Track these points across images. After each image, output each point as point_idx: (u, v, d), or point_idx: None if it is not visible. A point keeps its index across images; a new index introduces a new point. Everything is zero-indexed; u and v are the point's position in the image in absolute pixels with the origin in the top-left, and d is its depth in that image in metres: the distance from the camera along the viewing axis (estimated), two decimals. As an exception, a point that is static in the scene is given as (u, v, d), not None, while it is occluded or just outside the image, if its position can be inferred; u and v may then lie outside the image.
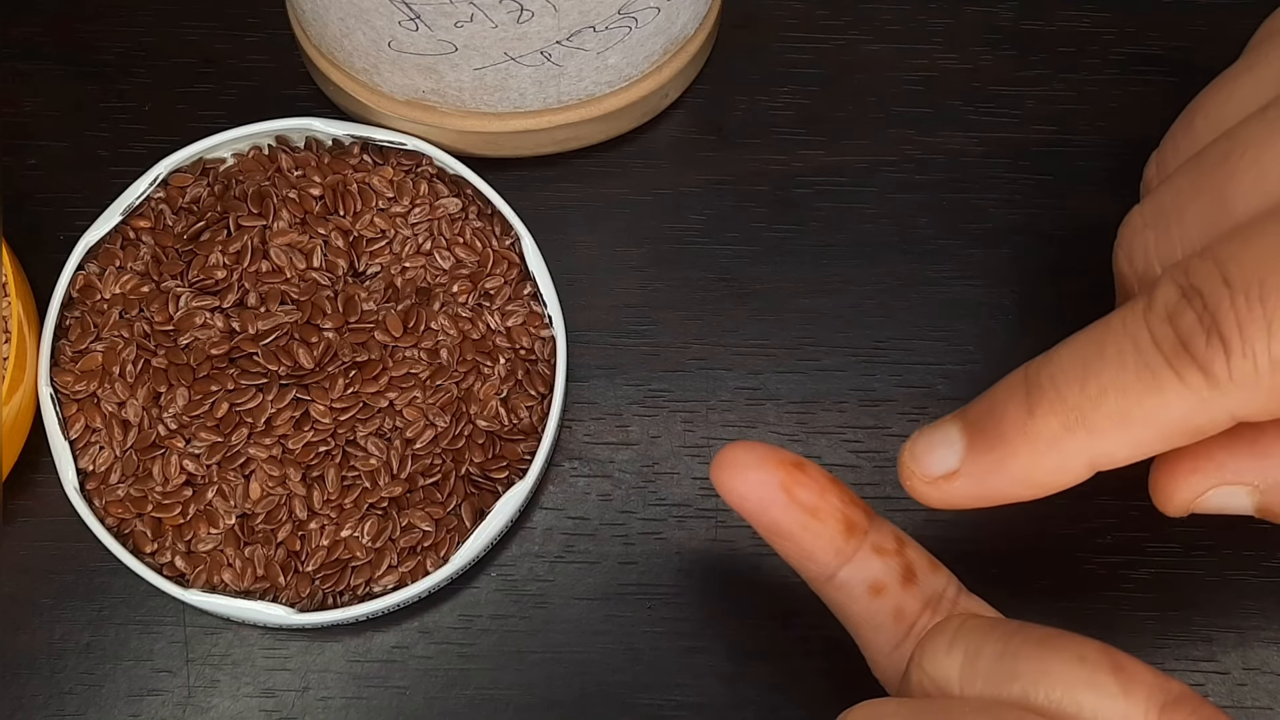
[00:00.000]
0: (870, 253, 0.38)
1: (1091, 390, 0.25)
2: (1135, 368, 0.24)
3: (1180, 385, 0.24)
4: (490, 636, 0.35)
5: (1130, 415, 0.25)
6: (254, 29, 0.40)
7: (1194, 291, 0.24)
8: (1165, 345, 0.24)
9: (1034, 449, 0.26)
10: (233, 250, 0.35)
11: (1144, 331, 0.25)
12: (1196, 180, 0.27)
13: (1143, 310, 0.25)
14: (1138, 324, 0.25)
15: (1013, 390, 0.26)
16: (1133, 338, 0.25)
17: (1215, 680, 0.35)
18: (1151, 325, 0.25)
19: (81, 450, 0.34)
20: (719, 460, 0.29)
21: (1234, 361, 0.24)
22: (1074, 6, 0.40)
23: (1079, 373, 0.25)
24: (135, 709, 0.34)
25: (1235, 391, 0.24)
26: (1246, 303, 0.24)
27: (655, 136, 0.39)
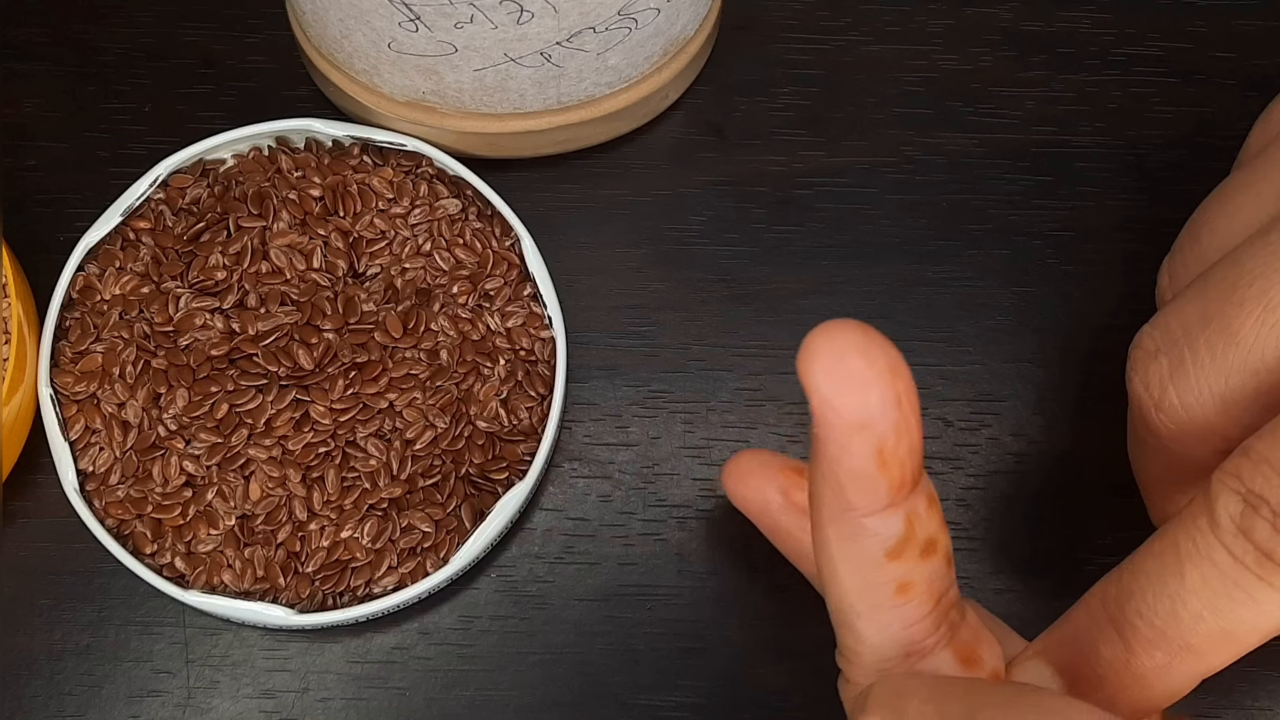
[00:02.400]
0: (870, 253, 0.38)
1: (1186, 620, 0.25)
2: (1223, 588, 0.25)
3: (1274, 593, 0.25)
4: (490, 637, 0.35)
5: (1233, 632, 0.25)
6: (254, 30, 0.40)
7: (1258, 499, 0.25)
8: (1248, 560, 0.25)
9: (1143, 685, 0.26)
10: (233, 251, 0.35)
11: (1220, 550, 0.25)
12: (1204, 308, 0.28)
13: (1208, 527, 0.25)
14: (1209, 542, 0.25)
15: (1100, 629, 0.26)
16: (1209, 558, 0.25)
17: (1215, 680, 0.35)
18: (1226, 541, 0.25)
19: (81, 451, 0.34)
20: (727, 467, 0.31)
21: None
22: (1074, 7, 0.40)
23: (1167, 604, 0.25)
24: (135, 710, 0.34)
25: None
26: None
27: (655, 138, 0.39)
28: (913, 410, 0.24)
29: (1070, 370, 0.36)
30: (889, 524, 0.25)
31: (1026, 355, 0.37)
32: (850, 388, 0.23)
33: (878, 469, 0.24)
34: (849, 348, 0.23)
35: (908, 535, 0.25)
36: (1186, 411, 0.28)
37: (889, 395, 0.23)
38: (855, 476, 0.24)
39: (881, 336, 0.23)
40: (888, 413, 0.23)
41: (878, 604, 0.26)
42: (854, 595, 0.26)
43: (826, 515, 0.25)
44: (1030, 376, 0.37)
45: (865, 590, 0.26)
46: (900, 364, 0.23)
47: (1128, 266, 0.38)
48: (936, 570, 0.26)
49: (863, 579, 0.26)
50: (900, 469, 0.24)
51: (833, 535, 0.25)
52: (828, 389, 0.23)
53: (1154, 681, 0.26)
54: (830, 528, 0.25)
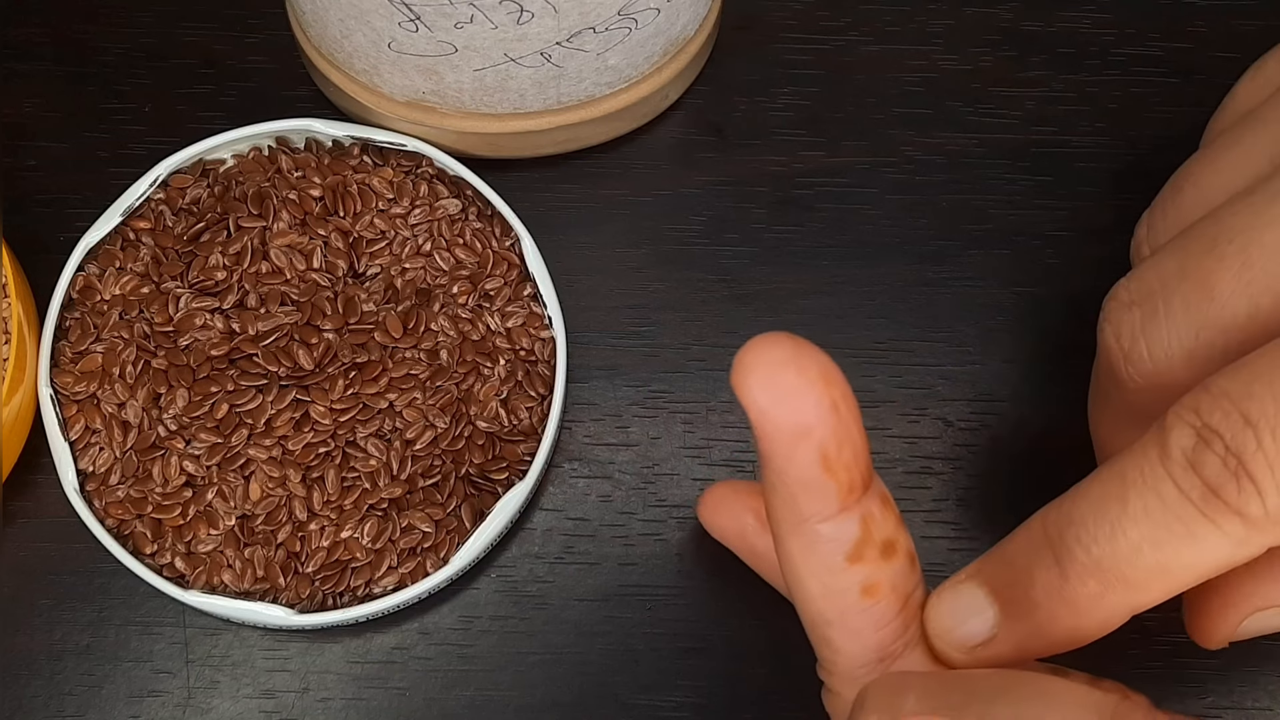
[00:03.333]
0: (870, 254, 0.38)
1: (1124, 549, 0.24)
2: (1165, 520, 0.24)
3: (1217, 532, 0.24)
4: (490, 637, 0.35)
5: (1169, 567, 0.24)
6: (254, 30, 0.40)
7: (1211, 433, 0.24)
8: (1194, 494, 0.24)
9: (1074, 612, 0.25)
10: (233, 251, 0.35)
11: (1166, 482, 0.24)
12: (1183, 263, 0.28)
13: (1158, 457, 0.24)
14: (1157, 473, 0.24)
15: (1037, 551, 0.26)
16: (1155, 489, 0.24)
17: (1215, 681, 0.35)
18: (1174, 473, 0.24)
19: (81, 451, 0.34)
20: (702, 501, 0.32)
21: (1269, 500, 0.23)
22: (1074, 8, 0.40)
23: (1107, 531, 0.25)
24: (135, 710, 0.34)
25: (1272, 527, 0.24)
26: (1274, 440, 0.23)
27: (655, 138, 0.39)
28: (851, 415, 0.24)
29: (1070, 370, 0.36)
30: (844, 528, 0.25)
31: (1026, 355, 0.37)
32: (785, 397, 0.23)
33: (824, 475, 0.24)
34: (780, 359, 0.24)
35: (865, 537, 0.25)
36: (1154, 364, 0.28)
37: (824, 401, 0.24)
38: (803, 485, 0.24)
39: (812, 346, 0.24)
40: (825, 419, 0.24)
41: (846, 609, 0.26)
42: (822, 602, 0.26)
43: (785, 528, 0.26)
44: (1030, 376, 0.37)
45: (831, 596, 0.26)
46: (833, 371, 0.24)
47: (1128, 266, 0.38)
48: (899, 570, 0.26)
49: (827, 585, 0.26)
50: (847, 473, 0.25)
51: (794, 547, 0.26)
52: (764, 401, 0.24)
53: (1085, 611, 0.25)
54: (790, 540, 0.26)
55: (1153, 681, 0.35)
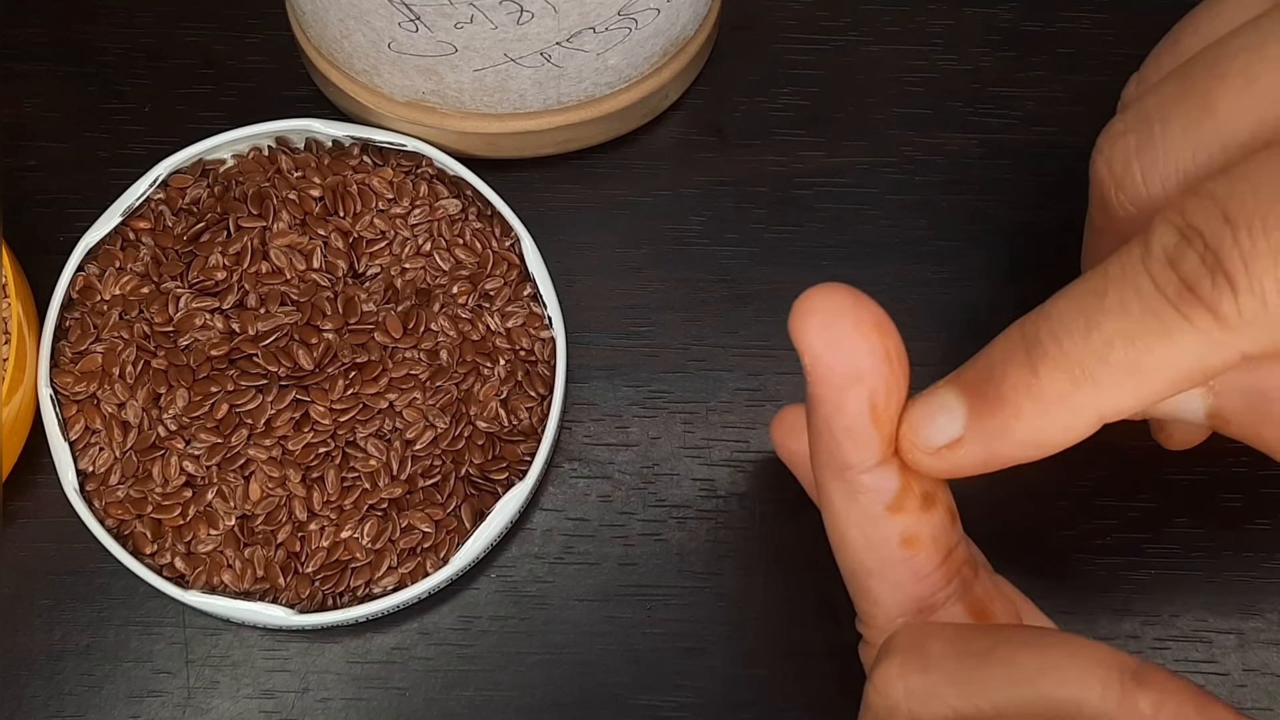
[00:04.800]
0: (870, 254, 0.38)
1: (1096, 343, 0.24)
2: (1140, 315, 0.24)
3: (1189, 328, 0.23)
4: (490, 638, 0.35)
5: (1140, 364, 0.24)
6: (254, 30, 0.40)
7: (1193, 231, 0.23)
8: (1169, 289, 0.23)
9: (1041, 409, 0.25)
10: (232, 251, 0.35)
11: (1145, 277, 0.24)
12: (1182, 85, 0.27)
13: (1140, 255, 0.24)
14: (1136, 270, 0.24)
15: (1011, 349, 0.25)
16: (1134, 284, 0.24)
17: (1215, 681, 0.35)
18: (1152, 270, 0.24)
19: (81, 451, 0.34)
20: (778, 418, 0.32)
21: (1242, 299, 0.23)
22: (1074, 8, 0.40)
23: (1081, 326, 0.24)
24: (135, 710, 0.34)
25: (1245, 329, 0.23)
26: (1250, 238, 0.23)
27: (655, 138, 0.39)
28: (902, 367, 0.25)
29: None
30: (885, 478, 0.26)
31: (1026, 355, 0.37)
32: (840, 343, 0.24)
33: (871, 424, 0.25)
34: (837, 307, 0.24)
35: (904, 488, 0.26)
36: (1148, 189, 0.27)
37: (878, 350, 0.24)
38: (849, 432, 0.25)
39: (868, 298, 0.24)
40: (877, 367, 0.24)
41: (886, 558, 0.26)
42: (862, 552, 0.27)
43: (827, 474, 0.26)
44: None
45: (871, 546, 0.26)
46: (887, 322, 0.24)
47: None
48: (940, 523, 0.27)
49: (868, 535, 0.26)
50: (893, 424, 0.25)
51: (835, 494, 0.26)
52: (819, 346, 0.24)
53: (1050, 409, 0.25)
54: (832, 487, 0.26)
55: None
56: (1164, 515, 0.36)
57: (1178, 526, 0.36)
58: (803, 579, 0.33)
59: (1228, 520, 0.36)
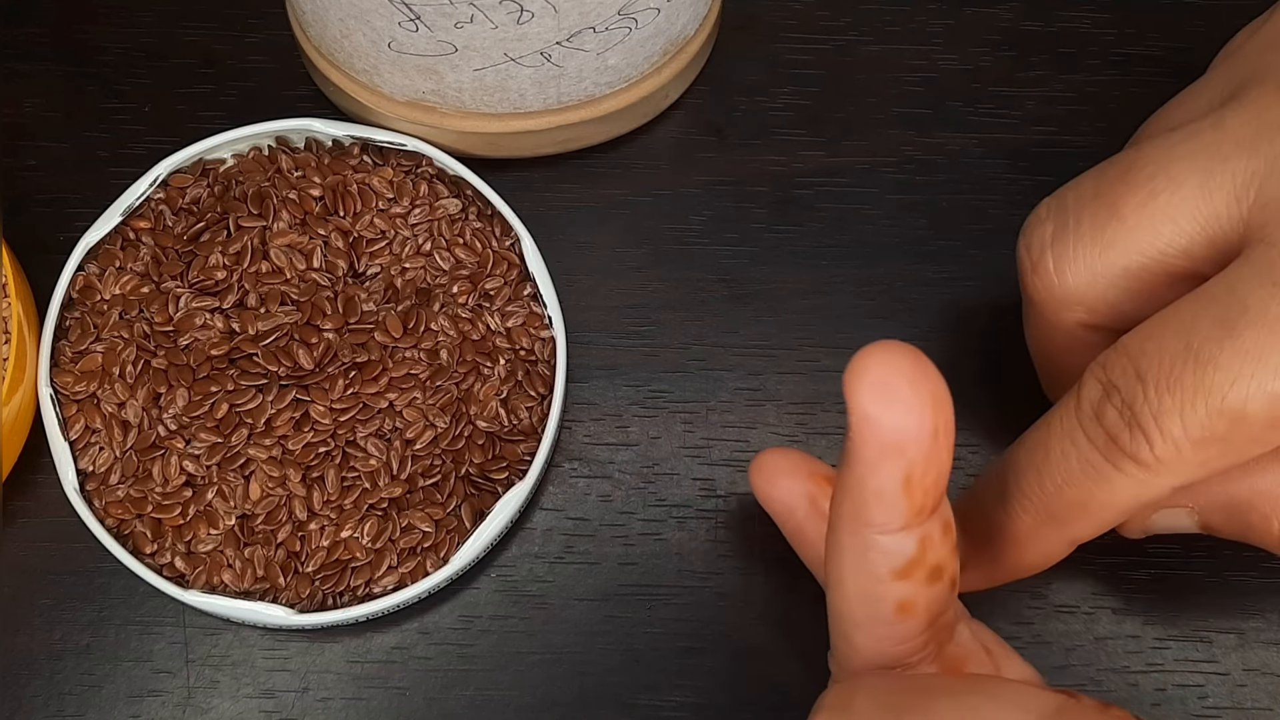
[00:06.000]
0: (870, 253, 0.38)
1: (1049, 489, 0.27)
2: (1079, 465, 0.27)
3: (1120, 475, 0.26)
4: (490, 637, 0.35)
5: (1087, 505, 0.27)
6: (254, 29, 0.40)
7: (1112, 388, 0.26)
8: (1098, 442, 0.27)
9: (1017, 544, 0.29)
10: (233, 251, 0.35)
11: (1079, 431, 0.27)
12: (1097, 186, 0.29)
13: (1074, 409, 0.27)
14: (1072, 424, 0.27)
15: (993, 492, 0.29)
16: (1070, 438, 0.27)
17: (1215, 681, 0.35)
18: (1084, 424, 0.27)
19: (81, 451, 0.34)
20: (757, 463, 0.32)
21: (1157, 448, 0.26)
22: (1074, 7, 0.40)
23: (1034, 474, 0.28)
24: (135, 710, 0.34)
25: (1166, 472, 0.26)
26: (1157, 395, 0.26)
27: (655, 137, 0.39)
28: (947, 443, 0.24)
29: (1070, 370, 0.36)
30: (902, 544, 0.26)
31: (1027, 356, 0.37)
32: (892, 411, 0.23)
33: (902, 493, 0.24)
34: (898, 372, 0.23)
35: (918, 559, 0.26)
36: (1058, 277, 0.29)
37: (927, 426, 0.24)
38: (879, 496, 0.25)
39: (932, 366, 0.24)
40: (922, 442, 0.24)
41: (876, 618, 0.27)
42: (856, 605, 0.27)
43: (844, 525, 0.26)
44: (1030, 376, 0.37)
45: (867, 603, 0.27)
46: (944, 396, 0.24)
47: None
48: (939, 594, 0.27)
49: (867, 592, 0.26)
50: (924, 496, 0.25)
51: (846, 545, 0.26)
52: (871, 407, 0.23)
53: (1026, 543, 0.29)
54: (845, 537, 0.26)
55: (1152, 682, 0.35)
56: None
57: (1178, 526, 0.36)
58: (803, 579, 0.33)
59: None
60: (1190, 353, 0.25)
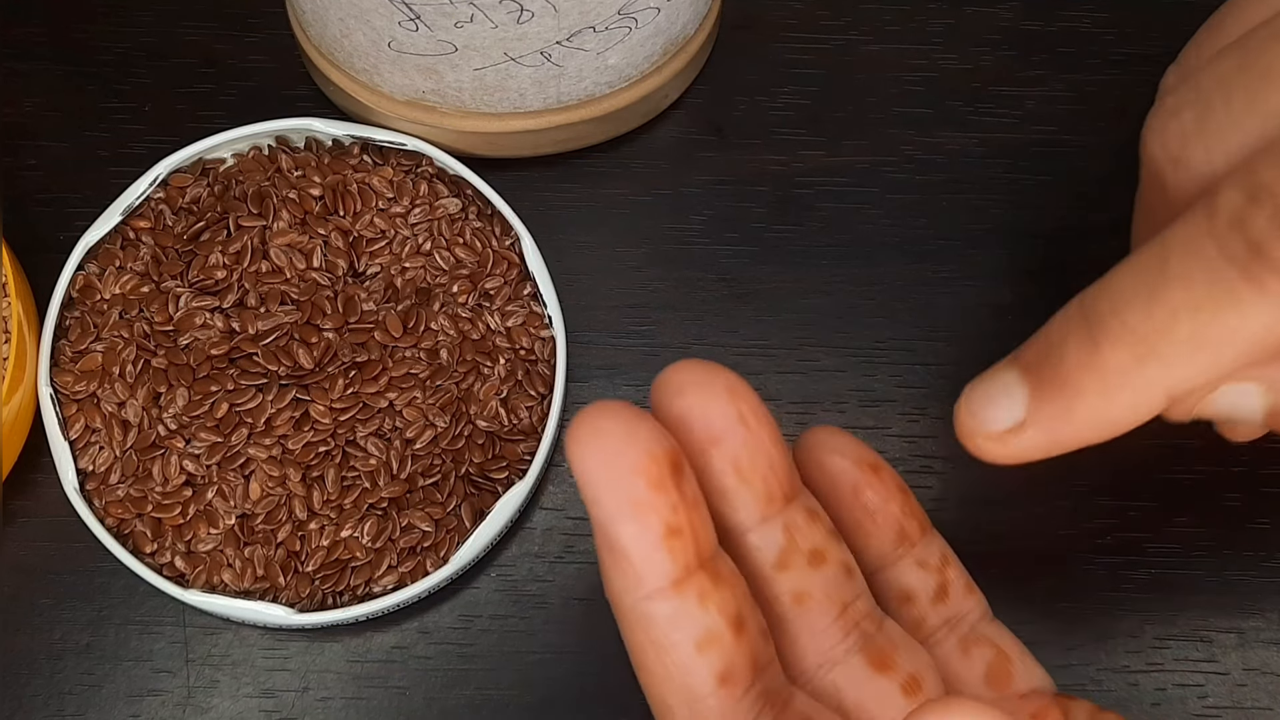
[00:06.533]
0: (870, 253, 0.38)
1: (1160, 315, 0.23)
2: (1206, 284, 0.22)
3: (1259, 295, 0.22)
4: (490, 637, 0.35)
5: (1206, 336, 0.22)
6: (254, 29, 0.40)
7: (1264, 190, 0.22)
8: (1238, 254, 0.22)
9: (1105, 387, 0.24)
10: (233, 250, 0.35)
11: (1209, 242, 0.22)
12: (1243, 59, 0.25)
13: (1204, 219, 0.22)
14: (1201, 237, 0.22)
15: (1071, 326, 0.24)
16: (1198, 251, 0.22)
17: (1215, 681, 0.35)
18: (1219, 234, 0.22)
19: (81, 450, 0.34)
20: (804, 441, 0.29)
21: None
22: (1074, 7, 0.40)
23: (1144, 298, 0.23)
24: (135, 709, 0.34)
25: None
26: None
27: (655, 137, 0.39)
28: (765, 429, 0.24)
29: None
30: (769, 536, 0.25)
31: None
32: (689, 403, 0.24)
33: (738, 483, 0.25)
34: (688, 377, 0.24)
35: (789, 545, 0.25)
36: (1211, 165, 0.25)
37: (731, 411, 0.24)
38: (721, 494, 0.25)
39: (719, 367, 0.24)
40: (734, 429, 0.24)
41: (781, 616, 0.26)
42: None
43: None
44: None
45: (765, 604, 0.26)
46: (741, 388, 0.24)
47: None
48: (832, 579, 0.26)
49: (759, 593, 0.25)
50: (764, 483, 0.25)
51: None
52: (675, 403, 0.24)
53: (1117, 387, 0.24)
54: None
55: (1152, 682, 0.35)
56: (1164, 515, 0.36)
57: (1178, 526, 0.36)
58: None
59: (1228, 520, 0.36)
60: None
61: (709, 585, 0.23)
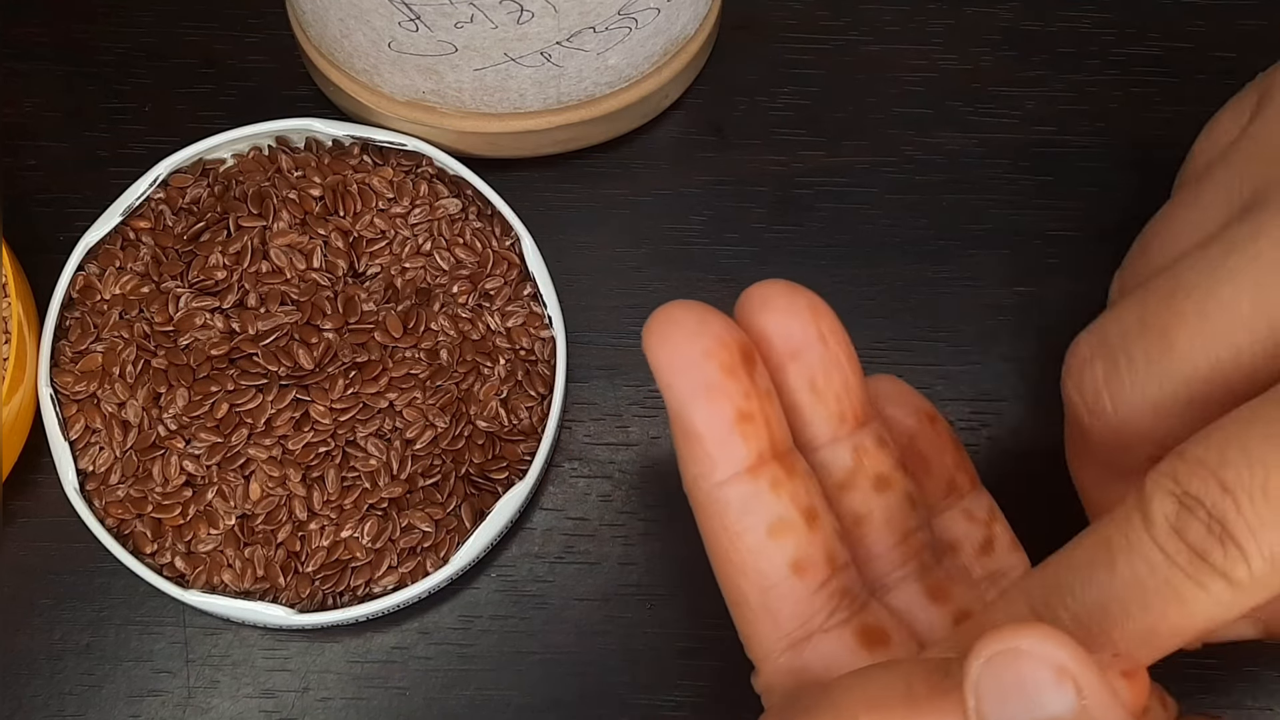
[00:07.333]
0: (870, 253, 0.38)
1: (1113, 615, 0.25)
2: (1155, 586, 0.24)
3: (1204, 595, 0.24)
4: (490, 637, 0.35)
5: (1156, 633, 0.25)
6: (254, 29, 0.40)
7: (1193, 501, 0.24)
8: (1181, 559, 0.24)
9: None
10: (233, 251, 0.35)
11: (1153, 548, 0.24)
12: (1143, 316, 0.28)
13: (1142, 524, 0.25)
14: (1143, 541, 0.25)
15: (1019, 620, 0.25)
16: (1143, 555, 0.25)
17: (1215, 681, 0.35)
18: (1160, 541, 0.24)
19: (81, 451, 0.34)
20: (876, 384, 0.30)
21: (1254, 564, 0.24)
22: (1074, 7, 0.40)
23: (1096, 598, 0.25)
24: (135, 709, 0.34)
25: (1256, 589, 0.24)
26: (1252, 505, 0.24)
27: (655, 137, 0.39)
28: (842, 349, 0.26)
29: (1070, 370, 0.36)
30: (838, 455, 0.27)
31: (1026, 355, 0.37)
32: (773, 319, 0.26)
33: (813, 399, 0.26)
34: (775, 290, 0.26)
35: (856, 467, 0.27)
36: (1119, 416, 0.28)
37: (811, 329, 0.26)
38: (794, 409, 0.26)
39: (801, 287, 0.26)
40: (813, 345, 0.26)
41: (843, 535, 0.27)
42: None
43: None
44: (1030, 376, 0.37)
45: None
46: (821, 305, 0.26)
47: (1128, 266, 0.38)
48: (895, 506, 0.27)
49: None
50: (838, 402, 0.26)
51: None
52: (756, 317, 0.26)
53: None
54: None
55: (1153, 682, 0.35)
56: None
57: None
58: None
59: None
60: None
61: (782, 475, 0.25)
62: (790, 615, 0.26)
